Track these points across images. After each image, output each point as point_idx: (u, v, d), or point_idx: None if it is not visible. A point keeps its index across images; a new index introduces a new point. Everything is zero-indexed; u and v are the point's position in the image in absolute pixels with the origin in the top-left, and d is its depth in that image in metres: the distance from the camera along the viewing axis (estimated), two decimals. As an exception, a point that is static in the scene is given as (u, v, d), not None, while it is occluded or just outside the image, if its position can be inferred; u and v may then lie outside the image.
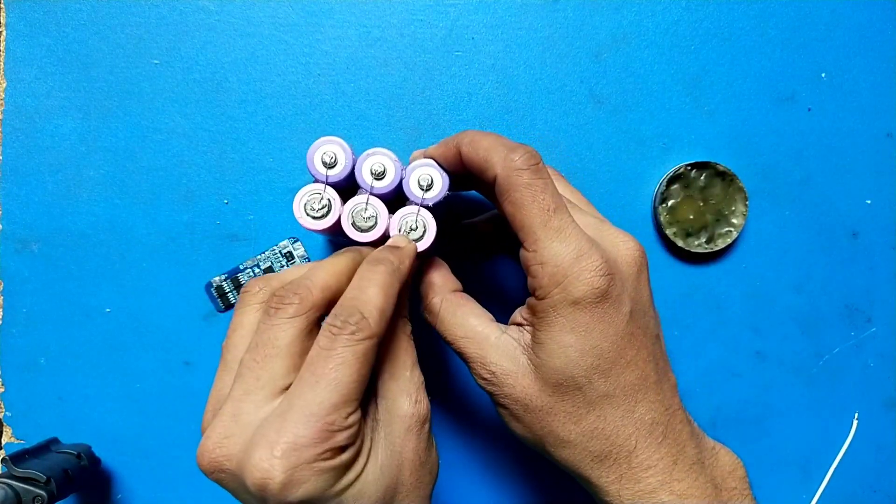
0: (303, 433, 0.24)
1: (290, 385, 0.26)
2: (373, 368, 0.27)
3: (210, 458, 0.25)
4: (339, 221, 0.31)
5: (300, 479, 0.24)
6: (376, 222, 0.31)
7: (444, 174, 0.31)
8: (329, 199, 0.31)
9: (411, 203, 0.31)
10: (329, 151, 0.31)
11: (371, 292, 0.27)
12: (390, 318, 0.27)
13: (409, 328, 0.30)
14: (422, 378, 0.29)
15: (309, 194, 0.31)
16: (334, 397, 0.24)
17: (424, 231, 0.31)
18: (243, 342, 0.27)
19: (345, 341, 0.25)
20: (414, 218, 0.31)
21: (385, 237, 0.31)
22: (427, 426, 0.28)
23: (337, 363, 0.25)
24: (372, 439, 0.27)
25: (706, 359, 0.40)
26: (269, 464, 0.23)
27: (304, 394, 0.24)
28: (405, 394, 0.28)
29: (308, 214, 0.31)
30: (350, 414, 0.25)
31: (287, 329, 0.26)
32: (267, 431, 0.24)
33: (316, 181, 0.31)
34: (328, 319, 0.26)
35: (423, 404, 0.28)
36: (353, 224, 0.31)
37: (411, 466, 0.27)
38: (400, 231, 0.31)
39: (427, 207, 0.31)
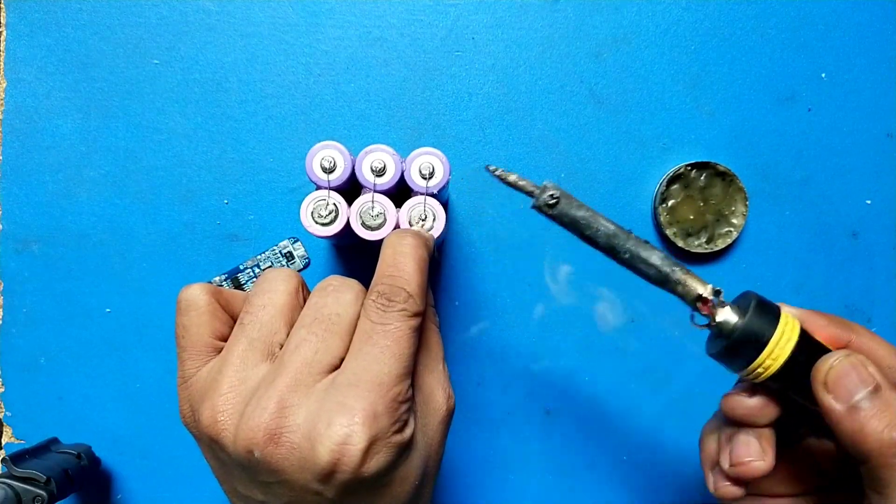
0: (378, 402, 0.24)
1: (339, 361, 0.26)
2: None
3: (268, 429, 0.24)
4: (348, 224, 0.31)
5: (375, 451, 0.23)
6: (385, 219, 0.31)
7: (446, 161, 0.31)
8: (335, 204, 0.31)
9: (416, 194, 0.31)
10: (327, 156, 0.31)
11: (409, 269, 0.27)
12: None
13: (437, 318, 0.30)
14: (448, 371, 0.29)
15: (314, 202, 0.31)
16: (399, 369, 0.25)
17: (434, 219, 0.31)
18: (275, 321, 0.27)
19: (397, 316, 0.25)
20: (422, 208, 0.31)
21: None
22: (451, 420, 0.29)
23: (396, 336, 0.25)
24: (414, 430, 0.27)
25: (706, 359, 0.40)
26: (350, 429, 0.23)
27: (371, 366, 0.24)
28: (440, 386, 0.28)
29: (317, 222, 0.31)
30: (409, 387, 0.25)
31: (352, 307, 0.26)
32: (344, 399, 0.23)
33: (318, 188, 0.31)
34: (372, 295, 0.26)
35: (453, 399, 0.29)
36: (363, 224, 0.31)
37: (436, 457, 0.28)
38: (410, 223, 0.31)
39: (433, 195, 0.31)
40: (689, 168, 0.39)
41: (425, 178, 0.31)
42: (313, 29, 0.39)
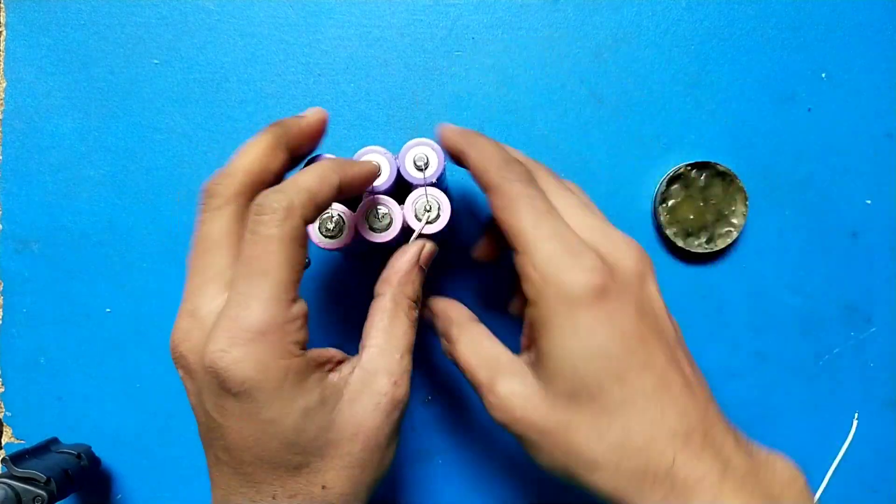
0: (246, 324, 0.24)
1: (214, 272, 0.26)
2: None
3: (177, 354, 0.26)
4: (354, 233, 0.31)
5: (244, 367, 0.24)
6: (391, 218, 0.31)
7: (438, 149, 0.31)
8: (339, 215, 0.31)
9: (416, 186, 0.31)
10: None
11: (304, 177, 0.26)
12: (323, 205, 0.27)
13: (413, 314, 0.30)
14: (411, 367, 0.29)
15: (319, 217, 0.31)
16: (267, 286, 0.24)
17: (440, 208, 0.31)
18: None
19: (266, 223, 0.25)
20: (424, 199, 0.31)
21: (406, 228, 0.31)
22: (398, 413, 0.28)
23: (263, 248, 0.25)
24: (333, 394, 0.26)
25: (706, 359, 0.40)
26: (221, 350, 0.24)
27: (240, 285, 0.25)
28: (387, 372, 0.28)
29: (325, 236, 0.31)
30: (291, 302, 0.25)
31: (216, 221, 0.26)
32: (220, 321, 0.24)
33: None
34: (253, 202, 0.26)
35: (402, 390, 0.28)
36: (371, 228, 0.31)
37: (366, 442, 0.27)
38: (416, 216, 0.31)
39: (432, 185, 0.31)
40: (689, 168, 0.39)
41: (421, 170, 0.31)
42: (313, 29, 0.39)
